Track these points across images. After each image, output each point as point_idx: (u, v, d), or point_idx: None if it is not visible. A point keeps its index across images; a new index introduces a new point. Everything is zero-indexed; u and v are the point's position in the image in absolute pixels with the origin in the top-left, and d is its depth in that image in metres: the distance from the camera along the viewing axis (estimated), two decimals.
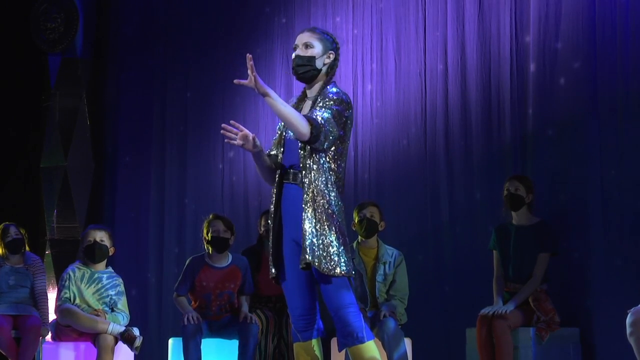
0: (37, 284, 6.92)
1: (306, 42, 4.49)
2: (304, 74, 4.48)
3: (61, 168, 8.65)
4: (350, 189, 7.57)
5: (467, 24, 7.00)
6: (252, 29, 8.16)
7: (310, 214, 4.35)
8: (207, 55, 8.45)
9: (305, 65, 4.46)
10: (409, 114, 7.29)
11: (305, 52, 4.47)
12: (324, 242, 4.35)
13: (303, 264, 4.37)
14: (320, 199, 4.36)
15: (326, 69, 4.50)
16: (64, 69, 8.78)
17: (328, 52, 4.50)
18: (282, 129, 4.58)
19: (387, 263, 6.46)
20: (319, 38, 4.51)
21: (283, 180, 4.49)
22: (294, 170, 4.45)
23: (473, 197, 6.92)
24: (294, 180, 4.45)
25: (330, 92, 4.45)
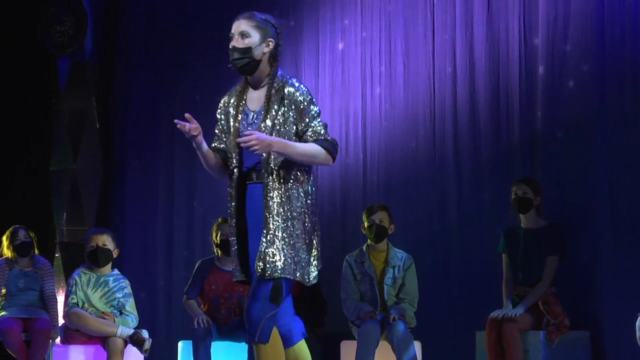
0: (47, 287, 6.93)
1: (242, 31, 4.24)
2: (242, 67, 4.23)
3: (70, 171, 8.66)
4: (359, 191, 7.57)
5: (476, 27, 7.00)
6: None
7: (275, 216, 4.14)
8: (215, 57, 8.44)
9: (243, 57, 4.22)
10: (417, 116, 7.29)
11: (242, 42, 4.22)
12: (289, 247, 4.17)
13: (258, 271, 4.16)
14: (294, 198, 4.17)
15: (267, 57, 4.24)
16: (73, 72, 8.79)
17: (267, 40, 4.23)
18: (236, 126, 4.30)
19: (397, 266, 6.46)
20: (256, 25, 4.25)
21: (246, 182, 4.27)
22: (256, 169, 4.24)
23: (482, 199, 6.91)
24: (258, 180, 4.23)
25: (299, 91, 4.21)
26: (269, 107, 4.19)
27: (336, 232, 7.67)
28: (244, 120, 4.26)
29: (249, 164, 4.25)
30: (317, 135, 4.20)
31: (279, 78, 4.24)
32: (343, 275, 6.56)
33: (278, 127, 4.17)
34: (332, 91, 7.76)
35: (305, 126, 4.20)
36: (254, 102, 4.27)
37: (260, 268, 4.13)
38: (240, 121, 4.26)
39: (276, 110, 4.19)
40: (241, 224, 4.28)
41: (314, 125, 4.21)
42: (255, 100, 4.28)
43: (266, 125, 4.17)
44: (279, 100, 4.19)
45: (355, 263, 6.53)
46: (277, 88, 4.21)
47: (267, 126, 4.16)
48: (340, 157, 7.68)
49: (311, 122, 4.21)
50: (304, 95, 4.22)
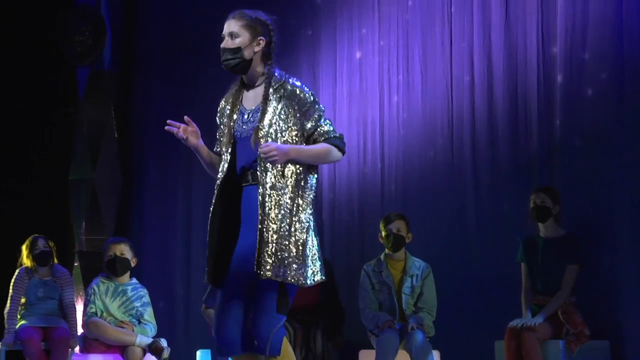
0: (66, 296, 6.95)
1: (231, 31, 4.13)
2: (234, 67, 4.15)
3: (89, 180, 8.68)
4: (377, 200, 7.57)
5: (494, 35, 6.99)
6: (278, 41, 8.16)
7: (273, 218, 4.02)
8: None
9: (233, 58, 4.12)
10: (435, 125, 7.28)
11: (232, 43, 4.13)
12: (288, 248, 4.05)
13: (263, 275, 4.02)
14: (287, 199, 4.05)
15: (259, 56, 4.14)
16: (92, 82, 8.83)
17: (257, 39, 4.13)
18: (231, 125, 4.21)
19: (415, 275, 6.45)
20: (246, 25, 4.14)
21: (242, 184, 4.14)
22: (251, 171, 4.12)
23: (500, 208, 6.90)
24: (253, 181, 4.10)
25: (302, 91, 4.13)
26: (266, 105, 4.11)
27: (354, 241, 7.66)
28: (239, 119, 4.18)
29: (244, 164, 4.15)
30: (326, 135, 4.15)
31: (277, 77, 4.15)
32: (361, 284, 6.55)
33: (276, 126, 4.09)
34: (350, 100, 7.76)
35: (312, 127, 4.13)
36: (250, 101, 4.20)
37: (262, 272, 4.00)
38: (236, 120, 4.19)
39: (275, 109, 4.11)
40: (228, 226, 4.15)
41: (321, 124, 4.14)
42: (251, 99, 4.21)
43: (263, 124, 4.08)
44: (278, 99, 4.11)
45: (373, 272, 6.52)
46: (276, 87, 4.13)
47: (264, 125, 4.08)
48: (358, 166, 7.69)
49: (319, 122, 4.14)
50: (307, 94, 4.14)
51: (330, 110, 7.83)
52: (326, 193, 7.84)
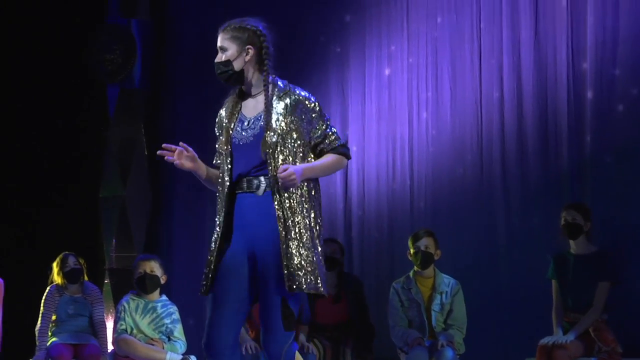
0: (96, 313, 6.98)
1: (220, 45, 4.12)
2: (227, 80, 4.14)
3: (119, 198, 8.72)
4: (407, 217, 7.55)
5: (523, 51, 6.98)
6: (307, 58, 8.20)
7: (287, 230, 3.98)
8: None
9: (225, 71, 4.11)
10: (464, 141, 7.27)
11: (221, 57, 4.12)
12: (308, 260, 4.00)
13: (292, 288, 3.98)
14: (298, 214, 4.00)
15: (252, 65, 4.11)
16: (122, 100, 8.87)
17: (245, 49, 4.09)
18: (225, 134, 4.15)
19: (444, 292, 6.43)
20: (232, 37, 4.10)
21: (235, 191, 4.09)
22: (247, 178, 4.07)
23: (530, 224, 6.87)
24: (249, 189, 4.06)
25: (309, 100, 4.10)
26: (269, 113, 4.04)
27: (383, 258, 7.65)
28: (238, 126, 4.12)
29: (241, 172, 4.09)
30: (333, 144, 4.11)
31: (281, 86, 4.11)
32: (390, 301, 6.53)
33: (282, 135, 4.03)
34: (379, 117, 7.77)
35: (319, 136, 4.10)
36: (250, 110, 4.15)
37: (294, 284, 3.96)
38: (234, 128, 4.13)
39: (279, 117, 4.04)
40: (226, 235, 4.10)
41: (328, 134, 4.11)
42: (251, 107, 4.15)
43: (269, 133, 4.02)
44: (284, 107, 4.06)
45: (402, 289, 6.50)
46: (280, 95, 4.08)
47: (270, 134, 4.02)
48: (387, 183, 7.68)
49: (325, 131, 4.11)
50: (313, 103, 4.11)
51: (359, 127, 7.84)
52: (355, 210, 7.83)
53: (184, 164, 4.17)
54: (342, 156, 4.15)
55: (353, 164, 7.87)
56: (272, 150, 4.01)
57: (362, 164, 7.83)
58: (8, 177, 8.75)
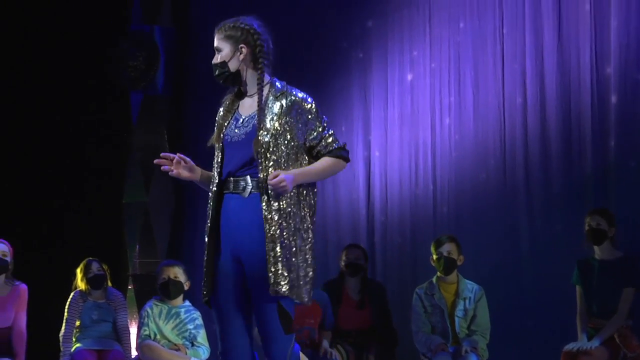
0: (119, 319, 7.00)
1: (215, 46, 4.10)
2: (225, 81, 4.11)
3: (143, 204, 8.75)
4: (429, 222, 7.54)
5: (546, 56, 6.96)
6: (329, 64, 8.20)
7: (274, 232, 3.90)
8: None
9: (221, 73, 4.08)
10: (487, 147, 7.25)
11: (217, 58, 4.09)
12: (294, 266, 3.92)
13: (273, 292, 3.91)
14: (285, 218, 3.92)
15: (247, 64, 4.05)
16: (145, 106, 8.91)
17: (239, 48, 4.04)
18: (218, 131, 4.10)
19: (468, 298, 6.40)
20: (225, 37, 4.07)
21: (223, 191, 4.02)
22: (234, 177, 4.00)
23: (554, 229, 6.84)
24: (235, 190, 3.99)
25: (306, 102, 4.03)
26: (263, 113, 3.98)
27: (406, 264, 7.64)
28: (232, 124, 4.08)
29: (231, 169, 4.03)
30: (330, 147, 4.03)
31: (278, 87, 4.06)
32: (413, 307, 6.52)
33: (276, 135, 3.96)
34: (401, 122, 7.76)
35: (315, 138, 4.02)
36: (246, 108, 4.09)
37: (271, 288, 3.89)
38: (228, 125, 4.08)
39: (274, 117, 3.98)
40: (215, 236, 4.04)
41: (325, 136, 4.03)
42: (247, 106, 4.10)
43: (262, 132, 3.96)
44: (280, 107, 4.00)
45: (425, 295, 6.49)
46: (277, 95, 4.02)
47: (263, 134, 3.96)
48: (410, 188, 7.67)
49: (322, 134, 4.03)
50: (310, 104, 4.03)
51: (381, 132, 7.84)
52: (378, 215, 7.83)
53: (180, 173, 4.12)
54: (340, 159, 4.05)
55: (376, 169, 7.86)
56: (263, 149, 3.94)
57: (384, 170, 7.82)
58: (32, 183, 8.80)
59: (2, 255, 6.50)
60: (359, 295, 6.84)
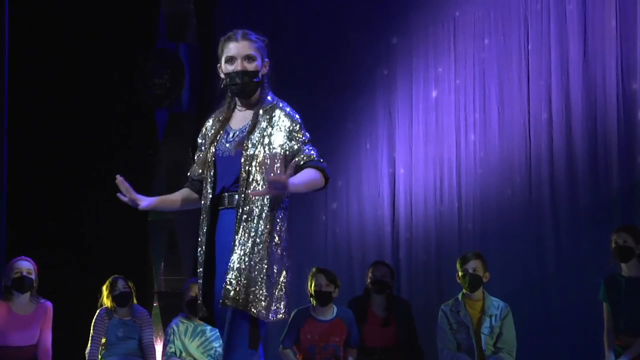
0: (145, 336, 7.01)
1: (247, 54, 4.01)
2: (249, 91, 4.01)
3: (168, 221, 8.78)
4: (455, 239, 7.52)
5: (572, 72, 6.93)
6: (354, 81, 8.21)
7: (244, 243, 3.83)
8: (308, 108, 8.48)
9: (249, 82, 4.00)
10: (513, 163, 7.22)
11: (250, 66, 4.00)
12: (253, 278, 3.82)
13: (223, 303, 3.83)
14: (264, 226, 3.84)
15: (264, 79, 4.07)
16: (170, 124, 8.95)
17: (265, 62, 4.06)
18: (208, 145, 4.03)
19: (494, 315, 6.37)
20: (258, 47, 4.05)
21: (218, 207, 3.95)
22: (229, 192, 3.92)
23: (580, 246, 6.80)
24: (229, 205, 3.91)
25: (289, 117, 3.98)
26: (254, 125, 3.94)
27: (431, 281, 7.61)
28: (222, 138, 4.01)
29: (224, 184, 3.95)
30: (311, 157, 3.94)
31: (268, 100, 4.03)
32: (439, 324, 6.49)
33: (261, 148, 3.91)
34: (426, 139, 7.75)
35: (297, 148, 3.94)
36: (238, 122, 4.03)
37: (223, 300, 3.81)
38: (219, 139, 4.01)
39: (262, 131, 3.93)
40: (211, 254, 3.96)
41: (306, 148, 3.96)
42: (239, 119, 4.04)
43: (247, 144, 3.90)
44: (268, 120, 3.96)
45: (450, 312, 6.46)
46: (266, 109, 3.98)
47: (248, 144, 3.90)
48: (435, 205, 7.65)
49: (304, 146, 3.95)
50: (294, 121, 3.97)
51: (406, 149, 7.83)
52: (403, 232, 7.81)
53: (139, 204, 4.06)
54: (321, 172, 3.94)
55: (400, 186, 7.85)
56: (248, 162, 3.88)
57: (409, 186, 7.81)
58: (57, 200, 8.85)
59: (27, 273, 6.52)
60: (385, 313, 6.83)
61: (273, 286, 3.85)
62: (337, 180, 8.18)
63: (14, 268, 6.52)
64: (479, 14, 7.47)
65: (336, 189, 8.18)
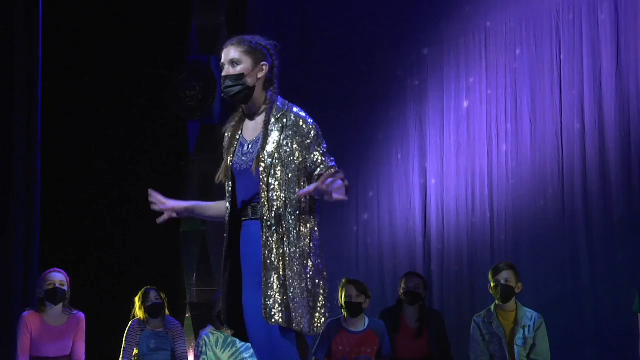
0: (178, 347, 7.03)
1: (232, 58, 3.91)
2: (236, 95, 3.90)
3: (200, 232, 8.79)
4: (487, 250, 7.48)
5: (605, 82, 6.89)
6: (385, 92, 8.21)
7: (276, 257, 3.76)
8: (340, 120, 8.53)
9: (235, 85, 3.89)
10: (545, 174, 7.19)
11: (233, 70, 3.90)
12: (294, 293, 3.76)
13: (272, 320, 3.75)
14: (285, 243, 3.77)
15: (262, 83, 3.92)
16: (202, 135, 8.97)
17: (260, 65, 3.91)
18: (225, 158, 3.98)
19: (527, 327, 6.33)
20: (247, 51, 3.92)
21: (242, 218, 3.89)
22: (252, 203, 3.86)
23: (614, 257, 6.75)
24: (253, 216, 3.85)
25: (305, 122, 3.89)
26: (267, 134, 3.85)
27: (464, 292, 7.58)
28: (238, 151, 3.95)
29: (244, 198, 3.89)
30: (331, 170, 3.83)
31: (279, 106, 3.92)
32: (472, 336, 6.46)
33: (278, 158, 3.83)
34: (458, 149, 7.72)
35: (316, 162, 3.85)
36: (250, 132, 3.95)
37: (265, 316, 3.74)
38: (235, 152, 3.95)
39: (276, 139, 3.84)
40: (235, 265, 3.90)
41: (325, 161, 3.86)
42: (251, 129, 3.96)
43: (264, 155, 3.83)
44: (280, 128, 3.86)
45: (483, 323, 6.43)
46: (278, 116, 3.88)
47: (264, 156, 3.83)
48: (467, 216, 7.62)
49: (322, 158, 3.86)
50: (310, 126, 3.89)
51: (438, 160, 7.81)
52: (435, 243, 7.78)
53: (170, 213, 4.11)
54: (344, 187, 3.84)
55: (432, 197, 7.82)
56: (266, 174, 3.82)
57: (441, 197, 7.78)
58: (89, 212, 8.90)
59: (60, 284, 6.56)
60: (417, 324, 6.80)
61: (314, 298, 3.81)
62: (368, 191, 8.17)
63: (47, 280, 6.56)
64: (511, 24, 7.45)
65: (367, 199, 8.17)
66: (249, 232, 3.87)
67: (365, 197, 8.17)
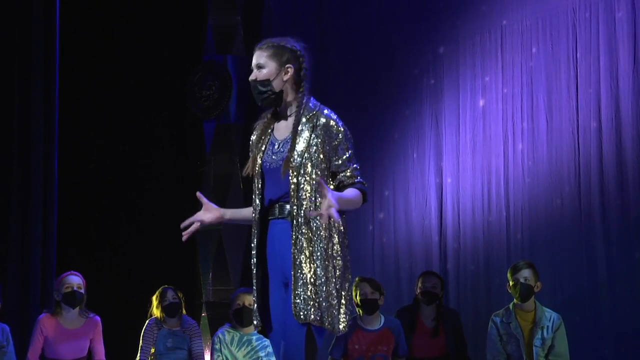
0: (195, 347, 7.04)
1: (258, 63, 3.96)
2: (265, 100, 3.96)
3: (216, 232, 8.81)
4: (503, 249, 7.46)
5: (622, 80, 6.86)
6: (401, 91, 8.20)
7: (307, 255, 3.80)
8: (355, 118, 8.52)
9: (264, 91, 3.94)
10: (562, 172, 7.16)
11: (259, 75, 3.95)
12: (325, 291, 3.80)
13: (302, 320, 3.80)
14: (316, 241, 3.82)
15: (290, 85, 3.96)
16: (218, 135, 8.99)
17: (285, 68, 3.94)
18: (260, 155, 3.99)
19: (546, 327, 6.30)
20: (271, 54, 3.95)
21: (268, 217, 3.93)
22: (279, 203, 3.91)
23: (632, 256, 6.72)
24: (280, 215, 3.90)
25: (336, 123, 3.92)
26: (296, 134, 3.89)
27: (480, 291, 7.56)
28: (268, 150, 3.98)
29: (272, 197, 3.93)
30: (354, 179, 3.91)
31: (310, 107, 3.95)
32: (489, 335, 6.44)
33: (308, 158, 3.88)
34: (474, 148, 7.71)
35: (340, 165, 3.91)
36: (281, 131, 3.99)
37: (296, 314, 3.79)
38: (265, 151, 3.98)
39: (306, 139, 3.89)
40: (263, 263, 3.95)
41: (350, 166, 3.92)
42: (282, 129, 3.99)
43: (294, 155, 3.87)
44: (310, 128, 3.90)
45: (501, 323, 6.41)
46: (309, 117, 3.92)
47: (294, 156, 3.87)
48: (483, 215, 7.60)
49: (348, 164, 3.91)
50: (340, 128, 3.93)
51: (454, 159, 7.80)
52: (451, 243, 7.77)
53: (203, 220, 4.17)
54: (363, 195, 3.93)
55: (448, 196, 7.81)
56: (295, 173, 3.85)
57: (457, 196, 7.77)
58: (105, 213, 8.93)
59: (78, 287, 6.58)
60: (434, 323, 6.79)
61: (343, 297, 3.86)
62: (384, 190, 8.17)
63: (65, 283, 6.58)
64: (527, 23, 7.43)
65: (383, 198, 8.17)
66: (275, 231, 3.91)
67: (381, 196, 8.17)
